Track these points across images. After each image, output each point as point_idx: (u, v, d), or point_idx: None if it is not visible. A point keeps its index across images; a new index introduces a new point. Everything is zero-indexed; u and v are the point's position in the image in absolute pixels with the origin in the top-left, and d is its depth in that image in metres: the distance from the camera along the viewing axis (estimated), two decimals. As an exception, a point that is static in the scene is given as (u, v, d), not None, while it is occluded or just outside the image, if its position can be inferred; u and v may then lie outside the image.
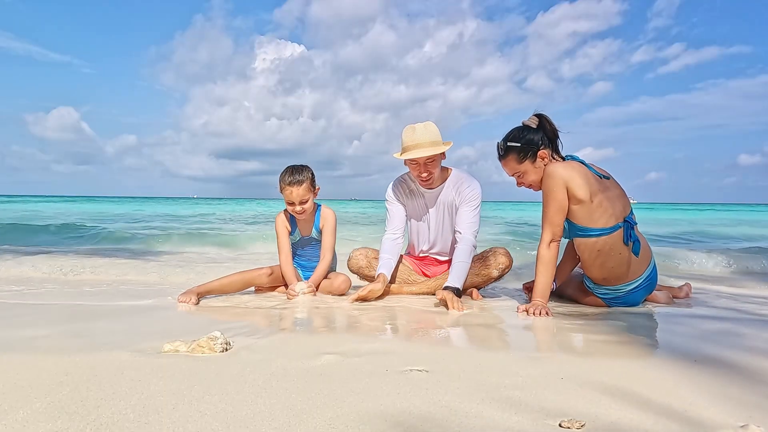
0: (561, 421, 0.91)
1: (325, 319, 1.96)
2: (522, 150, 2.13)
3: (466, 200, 2.47)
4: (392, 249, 2.55)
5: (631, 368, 1.27)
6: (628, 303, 2.19)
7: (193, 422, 0.90)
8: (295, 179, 2.44)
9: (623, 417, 0.94)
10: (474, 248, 2.43)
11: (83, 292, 2.61)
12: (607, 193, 2.05)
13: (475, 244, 2.43)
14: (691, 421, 0.92)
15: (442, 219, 2.58)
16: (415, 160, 2.38)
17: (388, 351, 1.39)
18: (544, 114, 2.15)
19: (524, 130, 2.16)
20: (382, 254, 2.54)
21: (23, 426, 0.88)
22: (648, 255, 2.14)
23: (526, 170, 2.17)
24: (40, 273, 3.33)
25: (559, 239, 2.10)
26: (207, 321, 1.91)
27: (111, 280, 3.12)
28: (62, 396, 1.01)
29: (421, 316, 2.04)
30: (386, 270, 2.46)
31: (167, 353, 1.33)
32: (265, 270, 2.60)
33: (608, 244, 2.03)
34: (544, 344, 1.65)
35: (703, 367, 1.26)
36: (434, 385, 1.11)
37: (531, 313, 2.00)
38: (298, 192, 2.45)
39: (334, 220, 2.64)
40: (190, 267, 3.72)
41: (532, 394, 1.06)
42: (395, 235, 2.58)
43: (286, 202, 2.51)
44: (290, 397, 1.02)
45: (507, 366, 1.26)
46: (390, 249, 2.54)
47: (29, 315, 1.93)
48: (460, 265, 2.34)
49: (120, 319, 1.86)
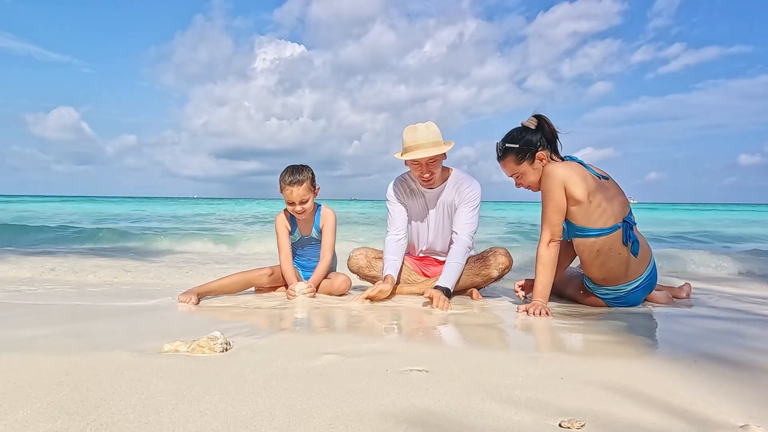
0: (561, 421, 0.91)
1: (325, 319, 1.96)
2: (520, 151, 2.13)
3: (465, 200, 2.47)
4: (396, 250, 2.54)
5: (631, 368, 1.27)
6: (628, 303, 2.19)
7: (193, 422, 0.90)
8: (295, 179, 2.44)
9: (623, 417, 0.94)
10: (469, 249, 2.43)
11: (83, 292, 2.61)
12: (605, 193, 2.05)
13: (470, 245, 2.43)
14: (691, 421, 0.92)
15: (443, 219, 2.57)
16: (416, 161, 2.38)
17: (388, 351, 1.39)
18: (542, 115, 2.15)
19: (523, 131, 2.15)
20: (386, 255, 2.52)
21: (23, 426, 0.88)
22: (647, 255, 2.14)
23: (524, 171, 2.16)
24: (40, 273, 3.33)
25: (558, 239, 2.09)
26: (207, 321, 1.91)
27: (111, 281, 3.12)
28: (62, 396, 1.01)
29: (421, 316, 2.04)
30: (393, 271, 2.45)
31: (167, 353, 1.33)
32: (265, 270, 2.60)
33: (607, 245, 2.03)
34: (544, 344, 1.65)
35: (703, 367, 1.26)
36: (434, 385, 1.11)
37: (531, 313, 2.00)
38: (299, 192, 2.45)
39: (334, 220, 2.64)
40: (190, 267, 3.72)
41: (532, 394, 1.06)
42: (398, 235, 2.57)
43: (286, 201, 2.51)
44: (290, 397, 1.02)
45: (507, 366, 1.26)
46: (394, 250, 2.53)
47: (29, 315, 1.93)
48: (452, 266, 2.34)
49: (120, 319, 1.86)
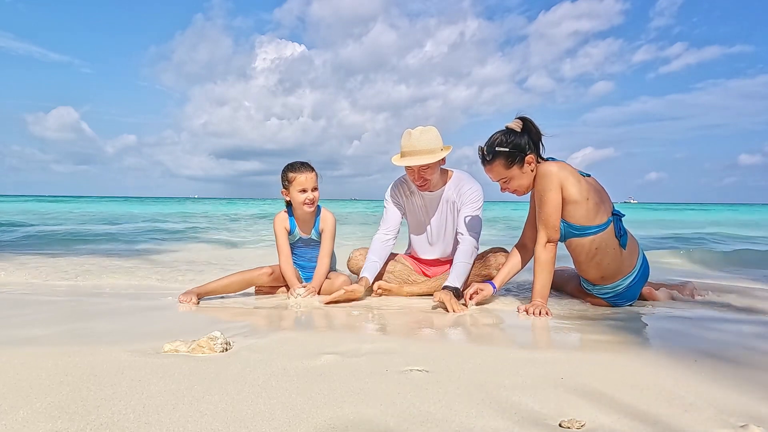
0: (561, 421, 0.91)
1: (325, 319, 1.97)
2: (509, 155, 2.06)
3: (467, 202, 2.46)
4: (381, 251, 2.53)
5: (631, 368, 1.27)
6: (628, 298, 2.20)
7: (193, 422, 0.90)
8: (306, 166, 2.54)
9: (623, 417, 0.94)
10: (476, 249, 2.42)
11: (83, 293, 2.61)
12: (597, 189, 2.08)
13: (477, 246, 2.42)
14: (691, 421, 0.92)
15: (444, 221, 2.57)
16: (409, 167, 2.38)
17: (388, 351, 1.39)
18: (527, 117, 2.08)
19: (509, 134, 2.07)
20: (369, 255, 2.52)
21: (23, 426, 0.88)
22: (635, 246, 2.16)
23: (513, 175, 2.10)
24: (40, 273, 3.33)
25: (555, 240, 2.08)
26: (207, 321, 1.91)
27: (111, 281, 3.12)
28: (62, 396, 1.01)
29: (421, 316, 2.04)
30: (369, 274, 2.43)
31: (167, 353, 1.33)
32: (265, 270, 2.59)
33: (604, 241, 2.04)
34: (544, 344, 1.65)
35: (703, 367, 1.26)
36: (434, 385, 1.11)
37: (531, 313, 2.00)
38: (311, 176, 2.52)
39: (334, 224, 2.65)
40: (190, 267, 3.72)
41: (532, 394, 1.06)
42: (387, 236, 2.57)
43: (298, 191, 2.51)
44: (290, 397, 1.02)
45: (507, 366, 1.26)
46: (379, 251, 2.53)
47: (29, 315, 1.93)
48: (460, 266, 2.32)
49: (120, 319, 1.86)
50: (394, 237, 2.60)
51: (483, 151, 2.14)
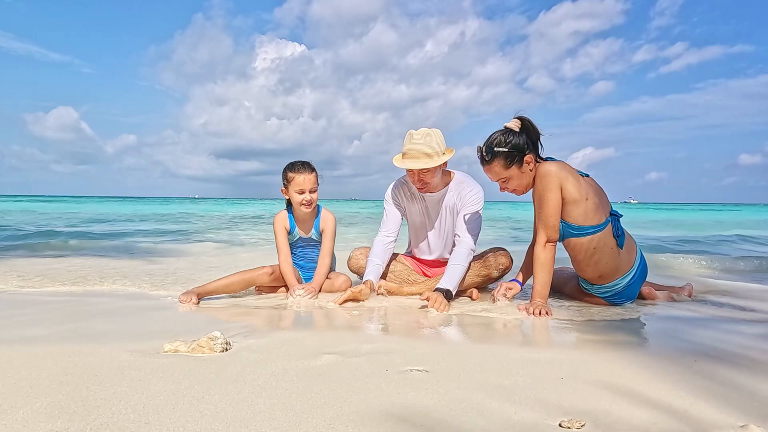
0: (561, 421, 0.91)
1: (325, 319, 1.97)
2: (509, 155, 2.06)
3: (467, 204, 2.45)
4: (383, 253, 2.53)
5: (631, 368, 1.27)
6: (628, 297, 2.20)
7: (193, 422, 0.90)
8: (306, 167, 2.53)
9: (623, 417, 0.94)
10: (472, 252, 2.41)
11: (83, 293, 2.61)
12: (595, 189, 2.08)
13: (473, 248, 2.41)
14: (691, 421, 0.92)
15: (444, 223, 2.57)
16: (408, 169, 2.38)
17: (388, 351, 1.39)
18: (526, 116, 2.08)
19: (507, 133, 2.07)
20: (371, 257, 2.51)
21: (23, 426, 0.88)
22: (632, 245, 2.17)
23: (512, 175, 2.10)
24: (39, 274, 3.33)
25: (554, 240, 2.08)
26: (207, 321, 1.91)
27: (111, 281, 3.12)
28: (62, 396, 1.01)
29: (421, 316, 2.04)
30: (374, 277, 2.43)
31: (167, 353, 1.34)
32: (265, 269, 2.59)
33: (602, 240, 2.05)
34: (544, 344, 1.65)
35: (703, 367, 1.26)
36: (434, 384, 1.11)
37: (531, 312, 2.00)
38: (310, 178, 2.51)
39: (334, 224, 2.64)
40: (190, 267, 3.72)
41: (532, 394, 1.06)
42: (388, 237, 2.57)
43: (296, 192, 2.51)
44: (290, 397, 1.02)
45: (507, 366, 1.26)
46: (380, 253, 2.52)
47: (29, 315, 1.93)
48: (455, 268, 2.31)
49: (120, 319, 1.86)
50: (394, 239, 2.59)
51: (482, 152, 2.14)
